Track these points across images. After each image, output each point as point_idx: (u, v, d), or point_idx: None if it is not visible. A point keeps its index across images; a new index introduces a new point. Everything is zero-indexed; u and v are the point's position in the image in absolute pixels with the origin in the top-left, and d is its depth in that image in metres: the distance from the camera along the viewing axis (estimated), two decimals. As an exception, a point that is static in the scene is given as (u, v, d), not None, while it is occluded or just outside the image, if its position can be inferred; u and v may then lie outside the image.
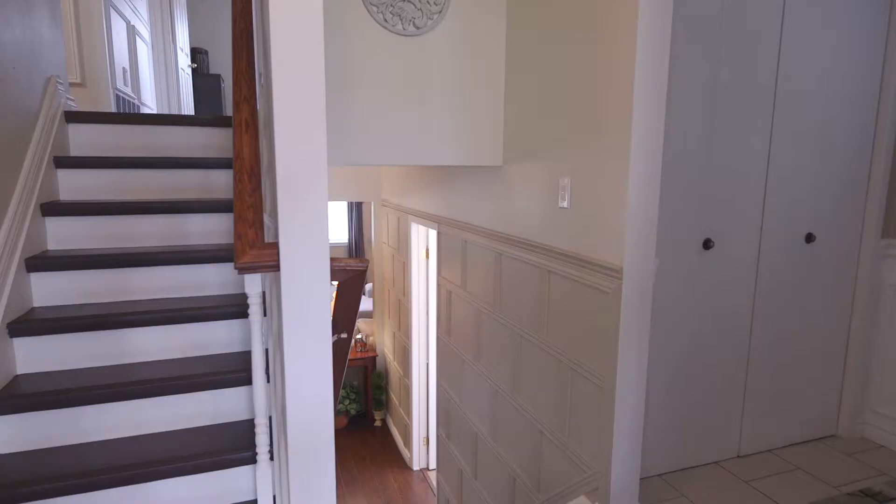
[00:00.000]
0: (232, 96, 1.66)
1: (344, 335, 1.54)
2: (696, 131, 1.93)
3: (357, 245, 8.47)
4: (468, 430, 2.94)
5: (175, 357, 1.89)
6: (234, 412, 1.81)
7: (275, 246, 1.29)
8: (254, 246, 1.30)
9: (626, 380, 1.65)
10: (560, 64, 1.90)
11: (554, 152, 1.95)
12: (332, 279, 1.32)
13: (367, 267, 1.33)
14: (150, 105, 4.11)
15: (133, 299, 1.99)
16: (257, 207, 1.37)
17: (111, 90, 3.18)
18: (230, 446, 1.62)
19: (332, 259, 1.31)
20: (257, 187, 1.42)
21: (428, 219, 3.35)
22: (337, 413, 4.67)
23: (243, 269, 1.27)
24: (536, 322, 2.13)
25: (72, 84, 3.00)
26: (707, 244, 2.01)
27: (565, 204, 1.89)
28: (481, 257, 2.62)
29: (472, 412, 2.88)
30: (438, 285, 3.28)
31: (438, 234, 3.21)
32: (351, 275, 1.33)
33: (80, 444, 1.63)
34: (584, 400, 1.85)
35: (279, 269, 1.26)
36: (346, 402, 4.64)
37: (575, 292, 1.86)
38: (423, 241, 3.86)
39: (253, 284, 1.34)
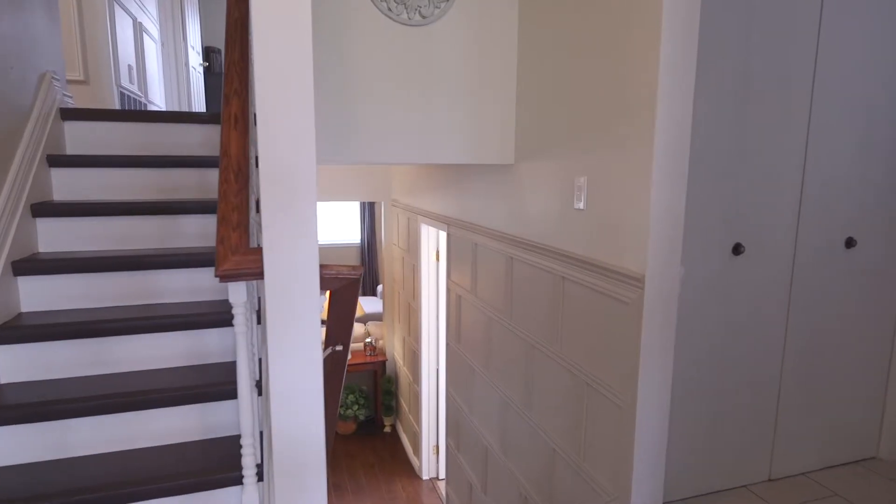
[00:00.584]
0: (223, 89, 1.55)
1: (339, 348, 1.43)
2: (725, 125, 1.78)
3: (370, 246, 8.38)
4: (477, 441, 2.81)
5: (166, 366, 1.79)
6: (227, 426, 1.70)
7: (260, 251, 1.18)
8: (236, 251, 1.18)
9: (647, 399, 1.50)
10: (577, 54, 1.76)
11: (569, 149, 1.81)
12: (323, 288, 1.21)
13: (360, 275, 1.21)
14: (157, 103, 4.05)
15: (125, 304, 1.90)
16: (243, 209, 1.26)
17: (115, 87, 3.11)
18: (219, 465, 1.51)
19: (322, 266, 1.19)
20: (244, 187, 1.31)
21: (438, 220, 3.22)
22: (345, 418, 4.57)
23: (225, 277, 1.16)
24: (550, 332, 1.99)
25: (74, 81, 2.94)
26: (737, 249, 1.85)
27: (581, 205, 1.75)
28: (492, 261, 2.48)
29: (481, 423, 2.75)
30: (448, 289, 3.16)
31: (448, 235, 3.09)
32: (343, 283, 1.21)
33: (61, 460, 1.54)
34: (601, 418, 1.71)
35: (263, 277, 1.15)
36: (356, 407, 4.54)
37: (591, 301, 1.72)
38: (434, 242, 3.73)
39: (237, 293, 1.22)
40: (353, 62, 1.97)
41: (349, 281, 1.21)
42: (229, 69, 1.59)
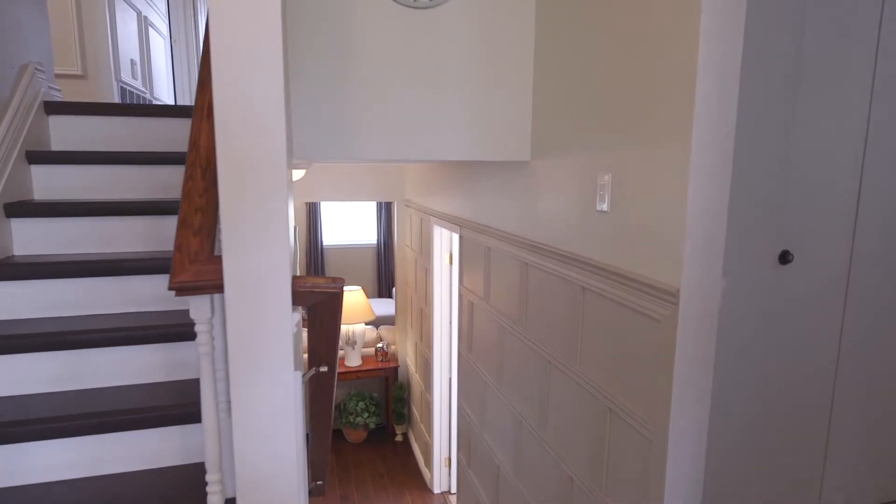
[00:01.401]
0: (199, 76, 1.39)
1: (324, 369, 1.25)
2: (773, 116, 1.54)
3: (386, 246, 8.24)
4: (489, 460, 2.61)
5: (144, 382, 1.64)
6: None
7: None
8: (196, 260, 1.01)
9: (681, 435, 1.29)
10: (602, 35, 1.55)
11: (591, 143, 1.60)
12: (298, 303, 1.03)
13: (341, 288, 1.03)
14: (164, 100, 3.95)
15: (104, 313, 1.75)
16: (208, 211, 1.09)
17: (115, 82, 3.00)
18: (186, 498, 1.35)
19: (296, 278, 1.01)
20: (212, 185, 1.13)
21: (450, 221, 3.03)
22: (355, 426, 4.41)
23: (181, 291, 0.98)
24: (568, 347, 1.78)
25: (72, 76, 2.83)
26: (784, 257, 1.62)
27: (604, 206, 1.54)
28: (506, 266, 2.28)
29: (493, 441, 2.55)
30: (460, 295, 2.96)
31: (461, 238, 2.89)
32: (322, 298, 1.03)
33: (16, 488, 1.39)
34: (626, 451, 1.49)
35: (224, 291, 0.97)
36: (365, 414, 4.37)
37: (616, 316, 1.51)
38: (447, 245, 3.54)
39: (200, 308, 1.05)
40: (352, 49, 1.79)
41: (328, 295, 1.02)
42: (207, 54, 1.42)
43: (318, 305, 1.06)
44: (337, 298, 1.04)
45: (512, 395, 2.28)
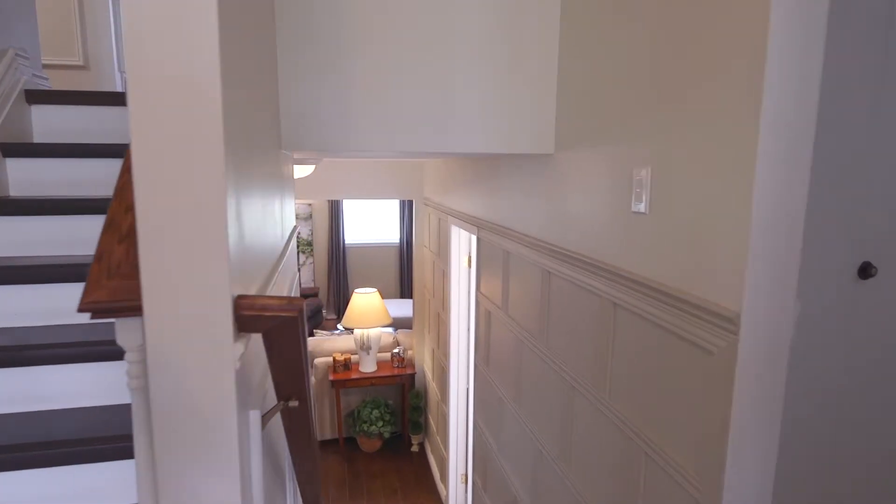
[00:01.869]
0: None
1: (294, 404, 1.02)
2: (854, 102, 1.25)
3: (409, 246, 8.04)
4: (506, 487, 2.36)
5: (109, 403, 1.45)
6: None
7: (151, 273, 0.79)
8: (116, 273, 0.79)
9: (739, 496, 1.02)
10: (636, 4, 1.28)
11: (627, 131, 1.34)
12: (245, 329, 0.80)
13: (300, 311, 0.80)
14: (176, 94, 3.82)
15: (66, 324, 1.57)
16: (142, 210, 0.87)
17: (118, 73, 2.86)
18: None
19: (241, 299, 0.78)
20: (152, 178, 0.92)
21: (468, 221, 2.79)
22: (370, 435, 4.21)
23: (96, 314, 0.77)
24: (595, 373, 1.52)
25: (73, 67, 2.70)
26: (866, 271, 1.32)
27: (642, 207, 1.27)
28: (526, 273, 2.03)
29: (510, 467, 2.30)
30: (477, 302, 2.72)
31: (478, 240, 2.65)
32: (274, 323, 0.80)
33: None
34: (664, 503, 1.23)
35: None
36: (380, 423, 4.17)
37: (655, 341, 1.24)
38: (466, 246, 3.30)
39: (128, 333, 0.84)
40: (347, 22, 1.56)
41: (282, 320, 0.80)
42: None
43: (272, 331, 0.84)
44: (293, 324, 0.82)
45: (530, 418, 2.03)
